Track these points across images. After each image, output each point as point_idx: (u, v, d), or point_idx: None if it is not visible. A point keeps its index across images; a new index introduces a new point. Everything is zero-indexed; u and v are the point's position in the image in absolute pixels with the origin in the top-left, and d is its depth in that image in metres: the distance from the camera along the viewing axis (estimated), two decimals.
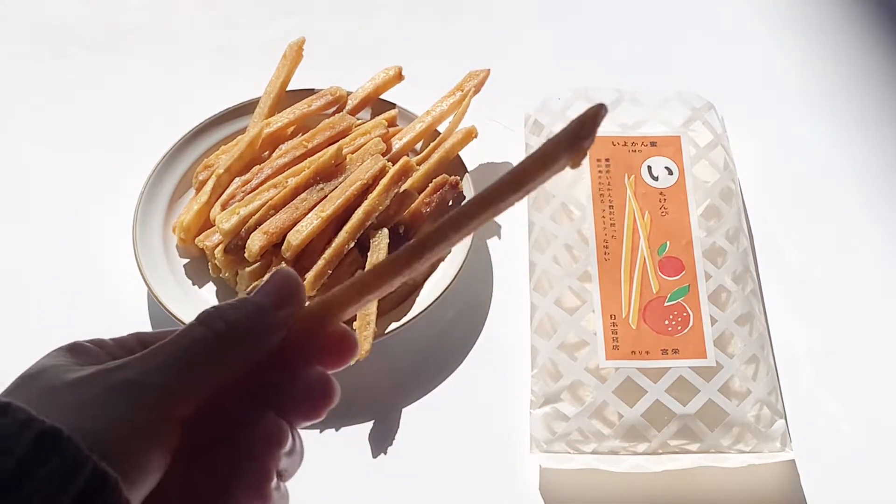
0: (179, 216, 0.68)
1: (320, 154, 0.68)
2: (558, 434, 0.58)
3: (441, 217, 0.33)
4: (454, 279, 0.64)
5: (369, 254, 0.64)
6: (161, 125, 0.75)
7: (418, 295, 0.64)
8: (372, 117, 0.73)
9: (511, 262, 0.69)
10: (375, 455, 0.60)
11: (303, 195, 0.65)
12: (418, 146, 0.72)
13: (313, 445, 0.35)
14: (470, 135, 0.71)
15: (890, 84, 0.82)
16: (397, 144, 0.71)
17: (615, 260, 0.63)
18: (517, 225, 0.70)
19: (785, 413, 0.60)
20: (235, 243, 0.64)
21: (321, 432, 0.61)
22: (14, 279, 0.70)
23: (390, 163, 0.68)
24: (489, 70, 0.73)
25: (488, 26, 0.88)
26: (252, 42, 0.86)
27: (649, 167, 0.68)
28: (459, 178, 0.69)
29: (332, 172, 0.67)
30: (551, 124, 0.71)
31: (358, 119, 0.72)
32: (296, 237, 0.63)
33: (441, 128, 0.72)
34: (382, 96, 0.74)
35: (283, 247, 0.63)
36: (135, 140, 0.78)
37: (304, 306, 0.33)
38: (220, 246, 0.64)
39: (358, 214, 0.65)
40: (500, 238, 0.71)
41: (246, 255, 0.63)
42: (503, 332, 0.66)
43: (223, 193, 0.67)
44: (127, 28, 0.88)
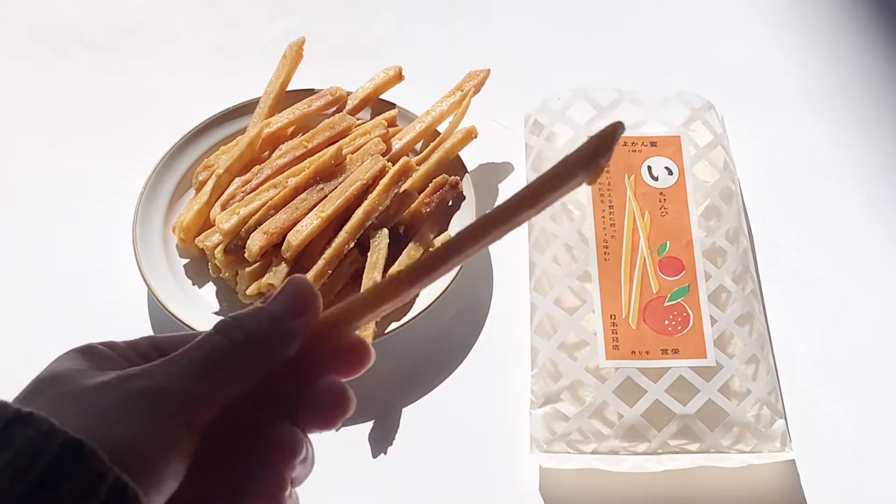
0: (179, 216, 0.68)
1: (320, 154, 0.68)
2: (558, 434, 0.58)
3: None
4: (454, 279, 0.64)
5: (369, 254, 0.64)
6: (161, 125, 0.75)
7: (418, 295, 0.64)
8: (372, 117, 0.73)
9: (511, 262, 0.69)
10: (375, 455, 0.60)
11: (303, 195, 0.65)
12: (418, 146, 0.72)
13: (315, 443, 0.35)
14: (470, 135, 0.71)
15: (890, 84, 0.82)
16: (397, 144, 0.71)
17: (615, 260, 0.63)
18: None
19: (785, 413, 0.60)
20: (235, 243, 0.64)
21: (321, 432, 0.61)
22: (14, 279, 0.70)
23: (390, 163, 0.68)
24: (489, 70, 0.73)
25: (488, 26, 0.88)
26: (252, 42, 0.86)
27: (649, 167, 0.68)
28: (459, 178, 0.68)
29: (332, 172, 0.67)
30: (551, 124, 0.71)
31: (358, 119, 0.72)
32: (296, 237, 0.63)
33: (441, 128, 0.72)
34: (382, 96, 0.74)
35: (283, 247, 0.63)
36: (135, 140, 0.78)
37: (320, 315, 0.33)
38: (220, 246, 0.64)
39: (358, 214, 0.65)
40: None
41: (246, 256, 0.63)
42: (503, 332, 0.66)
43: (223, 193, 0.67)
44: (127, 28, 0.88)
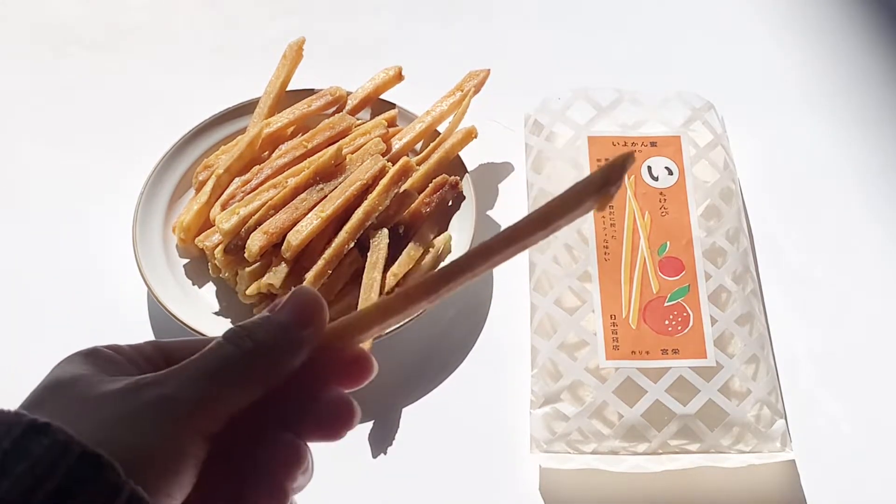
0: (179, 216, 0.68)
1: (320, 154, 0.68)
2: (558, 434, 0.58)
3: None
4: None
5: (369, 254, 0.64)
6: (161, 125, 0.75)
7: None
8: (372, 117, 0.73)
9: (511, 262, 0.69)
10: (375, 455, 0.60)
11: (303, 195, 0.65)
12: (418, 146, 0.72)
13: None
14: (470, 135, 0.71)
15: (890, 84, 0.82)
16: (397, 144, 0.70)
17: (615, 260, 0.63)
18: None
19: (785, 413, 0.60)
20: (235, 243, 0.64)
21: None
22: (14, 279, 0.70)
23: (390, 163, 0.68)
24: (489, 70, 0.73)
25: (488, 26, 0.88)
26: (252, 42, 0.86)
27: (649, 167, 0.68)
28: (459, 178, 0.68)
29: (332, 172, 0.67)
30: (551, 124, 0.71)
31: (358, 119, 0.72)
32: (296, 237, 0.63)
33: (441, 128, 0.72)
34: (382, 96, 0.74)
35: (283, 247, 0.63)
36: (135, 140, 0.78)
37: (326, 326, 0.33)
38: (220, 246, 0.64)
39: (358, 214, 0.65)
40: None
41: (246, 256, 0.63)
42: (503, 332, 0.66)
43: (223, 193, 0.67)
44: (127, 28, 0.88)
